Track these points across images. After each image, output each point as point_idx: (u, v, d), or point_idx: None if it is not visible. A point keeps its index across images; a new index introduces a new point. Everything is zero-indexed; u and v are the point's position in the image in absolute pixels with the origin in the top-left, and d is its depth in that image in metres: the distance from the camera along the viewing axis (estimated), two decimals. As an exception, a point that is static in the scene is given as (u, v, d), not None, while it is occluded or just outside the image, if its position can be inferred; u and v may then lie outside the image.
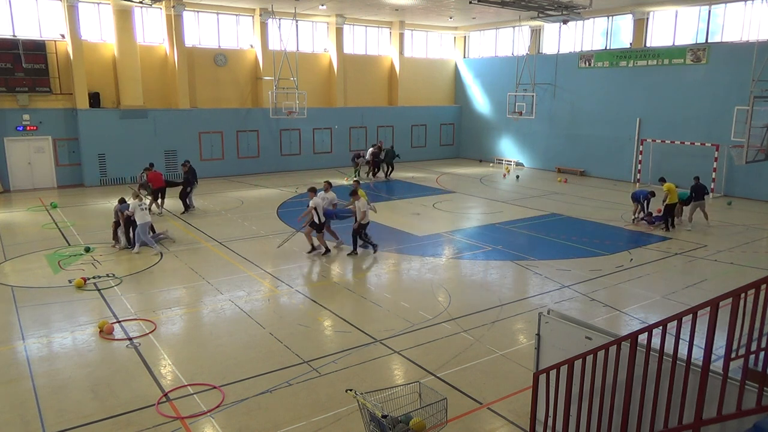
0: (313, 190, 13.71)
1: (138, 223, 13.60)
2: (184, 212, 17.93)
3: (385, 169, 25.52)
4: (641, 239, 15.33)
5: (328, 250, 13.72)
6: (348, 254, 13.69)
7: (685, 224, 16.52)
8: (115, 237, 14.06)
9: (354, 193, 13.81)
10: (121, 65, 22.99)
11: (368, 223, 13.85)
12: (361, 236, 13.76)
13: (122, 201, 14.21)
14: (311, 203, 13.30)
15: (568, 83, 27.03)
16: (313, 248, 13.75)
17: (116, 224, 14.08)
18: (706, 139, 21.97)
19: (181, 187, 18.12)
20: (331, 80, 29.02)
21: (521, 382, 7.55)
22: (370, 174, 25.23)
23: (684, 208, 16.73)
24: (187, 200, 18.05)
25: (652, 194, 16.96)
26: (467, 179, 25.65)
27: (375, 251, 13.84)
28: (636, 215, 16.89)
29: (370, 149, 25.51)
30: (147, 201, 15.39)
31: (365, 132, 29.99)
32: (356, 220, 13.56)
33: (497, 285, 11.69)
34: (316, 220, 13.31)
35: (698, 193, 16.22)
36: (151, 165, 18.54)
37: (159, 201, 17.80)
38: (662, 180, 16.93)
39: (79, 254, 13.47)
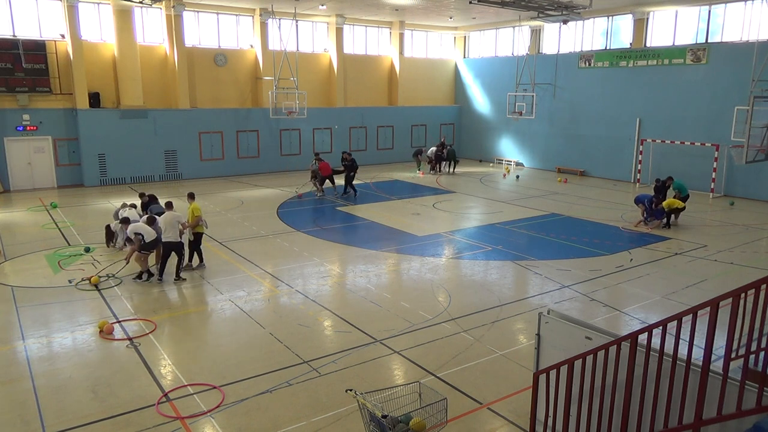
0: (126, 221, 12.48)
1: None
2: (345, 194, 21.07)
3: (448, 165, 27.52)
4: (641, 239, 15.33)
5: (150, 275, 11.83)
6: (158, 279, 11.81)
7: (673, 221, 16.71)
8: (111, 240, 14.06)
9: (168, 205, 12.16)
10: (121, 65, 22.98)
11: (174, 242, 11.63)
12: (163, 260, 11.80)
13: (148, 195, 14.47)
14: (129, 232, 11.63)
15: (568, 83, 27.03)
16: (147, 273, 11.79)
17: (108, 226, 14.13)
18: (706, 139, 21.97)
19: (344, 174, 21.24)
20: (331, 80, 29.02)
21: (521, 382, 7.55)
22: (434, 169, 27.22)
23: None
24: (351, 184, 21.31)
25: (656, 199, 16.87)
26: (467, 179, 25.64)
27: (147, 278, 11.70)
28: (643, 217, 16.74)
29: (432, 148, 27.54)
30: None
31: (365, 132, 29.99)
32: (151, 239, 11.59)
33: (497, 285, 11.69)
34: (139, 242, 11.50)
35: (662, 192, 16.99)
36: (317, 154, 21.78)
37: (330, 185, 21.41)
38: (670, 178, 17.19)
39: (79, 254, 13.47)
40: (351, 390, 5.44)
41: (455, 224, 17.21)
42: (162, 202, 14.59)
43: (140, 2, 21.31)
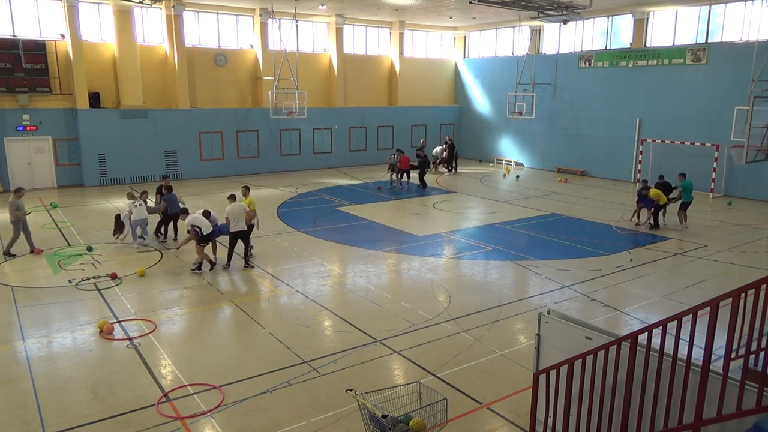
0: (186, 211, 12.93)
1: (133, 218, 13.88)
2: (420, 187, 22.74)
3: (453, 165, 27.66)
4: (641, 239, 15.33)
5: (212, 265, 12.49)
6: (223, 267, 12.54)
7: (678, 226, 16.49)
8: (119, 230, 14.16)
9: (231, 198, 12.76)
10: (121, 65, 22.98)
11: (242, 231, 12.42)
12: (232, 246, 12.57)
13: (166, 186, 14.80)
14: (186, 224, 12.26)
15: (568, 83, 27.02)
16: (210, 263, 12.45)
17: (117, 216, 14.32)
18: (706, 139, 21.97)
19: (419, 169, 23.13)
20: (331, 80, 29.02)
21: (521, 382, 7.55)
22: (440, 168, 27.59)
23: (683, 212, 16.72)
24: (423, 179, 23.08)
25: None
26: (467, 179, 25.64)
27: (211, 267, 12.40)
28: (643, 218, 16.71)
29: (438, 148, 28.01)
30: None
31: (365, 132, 29.99)
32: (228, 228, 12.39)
33: (497, 285, 11.69)
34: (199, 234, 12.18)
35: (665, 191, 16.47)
36: (399, 150, 23.80)
37: (405, 178, 23.23)
38: (682, 175, 16.73)
39: (79, 254, 13.47)
40: (351, 390, 5.44)
41: (455, 224, 17.21)
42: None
43: (140, 2, 21.30)
